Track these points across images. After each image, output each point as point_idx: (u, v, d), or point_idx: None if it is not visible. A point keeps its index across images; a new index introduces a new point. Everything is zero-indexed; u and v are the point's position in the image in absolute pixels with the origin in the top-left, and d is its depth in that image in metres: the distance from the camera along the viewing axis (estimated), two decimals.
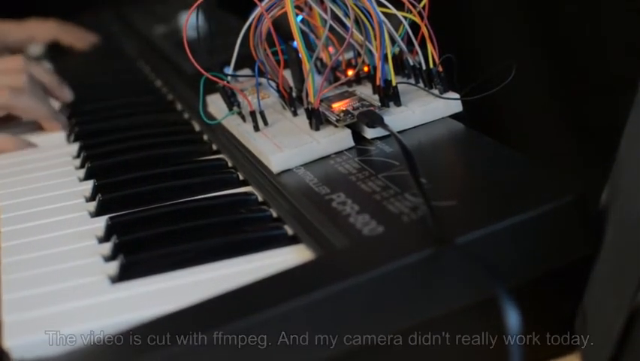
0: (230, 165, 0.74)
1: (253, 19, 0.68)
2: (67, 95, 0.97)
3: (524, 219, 0.51)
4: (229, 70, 0.73)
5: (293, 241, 0.60)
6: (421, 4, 0.67)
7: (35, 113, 0.90)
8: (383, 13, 0.66)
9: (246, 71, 0.77)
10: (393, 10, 0.67)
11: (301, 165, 0.65)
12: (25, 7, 1.32)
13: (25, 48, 1.22)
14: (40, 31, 1.23)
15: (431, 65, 0.68)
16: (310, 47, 0.71)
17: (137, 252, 0.59)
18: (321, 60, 0.77)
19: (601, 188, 0.54)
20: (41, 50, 1.24)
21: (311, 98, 0.67)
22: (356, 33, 0.67)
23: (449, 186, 0.58)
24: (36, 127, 0.91)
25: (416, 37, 0.67)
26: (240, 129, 0.72)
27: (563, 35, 0.80)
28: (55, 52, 1.22)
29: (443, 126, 0.66)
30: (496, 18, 0.87)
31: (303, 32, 0.68)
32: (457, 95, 0.67)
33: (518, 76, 0.64)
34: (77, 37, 1.23)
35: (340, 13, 0.67)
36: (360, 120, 0.66)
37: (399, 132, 0.65)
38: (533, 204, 0.52)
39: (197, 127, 0.84)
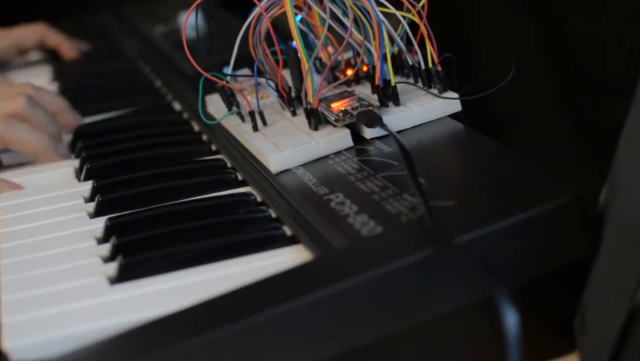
0: (229, 165, 0.73)
1: (252, 18, 0.68)
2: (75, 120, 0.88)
3: (523, 219, 0.51)
4: (228, 70, 0.73)
5: (292, 241, 0.59)
6: (420, 4, 0.67)
7: (32, 147, 0.80)
8: (382, 12, 0.66)
9: (245, 71, 0.77)
10: (392, 10, 0.67)
11: (300, 165, 0.65)
12: (25, 7, 1.32)
13: (12, 56, 1.19)
14: (27, 34, 1.18)
15: (430, 65, 0.68)
16: (309, 46, 0.71)
17: (136, 253, 0.59)
18: (320, 60, 0.77)
19: (600, 188, 0.54)
20: (40, 54, 1.23)
21: (310, 98, 0.67)
22: (355, 33, 0.67)
23: (448, 186, 0.58)
24: None
25: (415, 37, 0.67)
26: (239, 129, 0.72)
27: (562, 35, 0.80)
28: (54, 54, 1.22)
29: (442, 126, 0.66)
30: (496, 18, 0.87)
31: (302, 32, 0.68)
32: (456, 95, 0.67)
33: (517, 76, 0.64)
34: (63, 41, 1.19)
35: (339, 13, 0.67)
36: (359, 120, 0.66)
37: (398, 132, 0.65)
38: (532, 204, 0.52)
39: (196, 127, 0.84)
